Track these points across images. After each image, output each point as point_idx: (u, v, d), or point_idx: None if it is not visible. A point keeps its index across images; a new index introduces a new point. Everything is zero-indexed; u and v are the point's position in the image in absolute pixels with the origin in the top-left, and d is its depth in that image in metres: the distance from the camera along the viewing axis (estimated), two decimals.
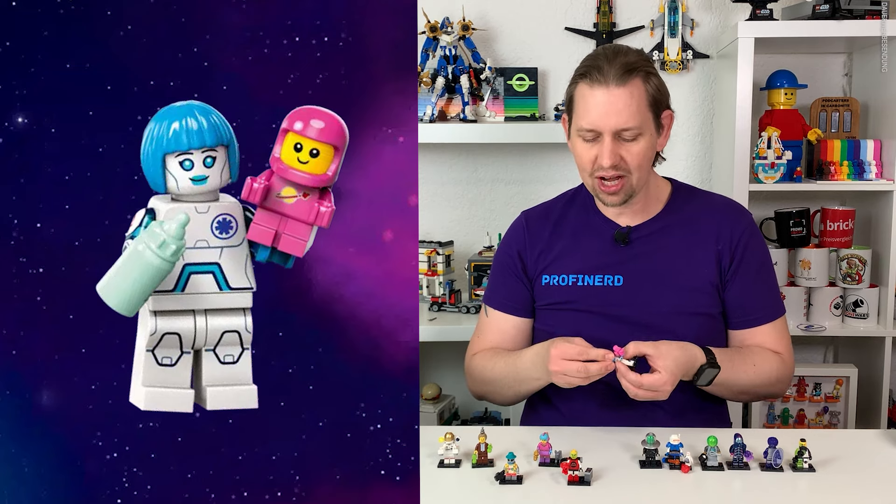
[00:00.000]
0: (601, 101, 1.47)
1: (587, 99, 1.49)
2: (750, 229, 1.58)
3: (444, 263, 2.44)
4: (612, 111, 1.47)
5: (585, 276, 1.56)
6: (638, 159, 1.49)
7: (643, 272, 1.54)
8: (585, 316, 1.54)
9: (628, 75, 1.47)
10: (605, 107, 1.47)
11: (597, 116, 1.48)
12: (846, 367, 2.45)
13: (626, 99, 1.47)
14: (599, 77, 1.48)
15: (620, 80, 1.47)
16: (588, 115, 1.49)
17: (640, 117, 1.48)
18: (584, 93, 1.50)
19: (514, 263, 1.64)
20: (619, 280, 1.54)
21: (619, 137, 1.48)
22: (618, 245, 1.56)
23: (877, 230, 2.44)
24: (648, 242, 1.57)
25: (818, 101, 2.52)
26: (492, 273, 1.71)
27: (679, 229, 1.58)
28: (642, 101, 1.48)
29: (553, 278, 1.59)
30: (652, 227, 1.58)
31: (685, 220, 1.59)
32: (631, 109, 1.47)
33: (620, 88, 1.46)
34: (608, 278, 1.55)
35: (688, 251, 1.55)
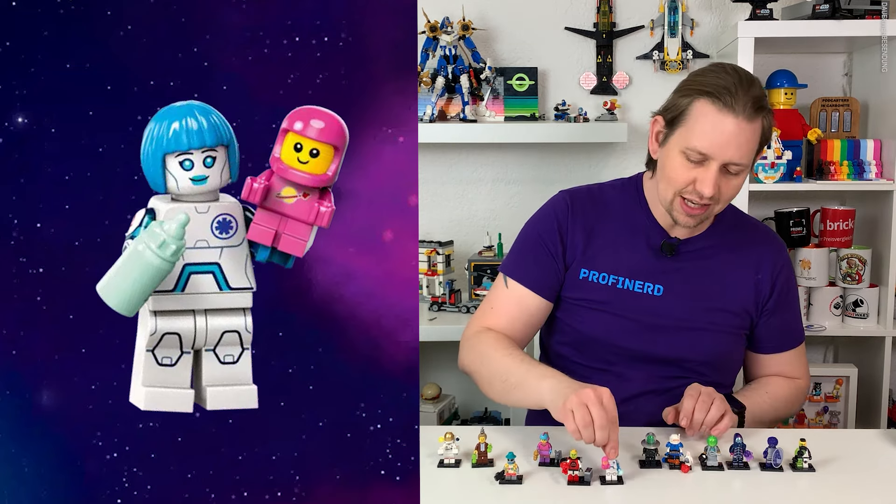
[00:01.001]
0: (728, 129, 1.39)
1: (711, 119, 1.40)
2: (788, 263, 1.61)
3: (444, 263, 2.44)
4: (733, 143, 1.40)
5: (627, 279, 1.52)
6: (732, 192, 1.47)
7: (684, 286, 1.53)
8: (618, 320, 1.51)
9: (758, 112, 1.41)
10: (729, 137, 1.39)
11: (716, 144, 1.40)
12: (846, 366, 2.45)
13: (751, 135, 1.41)
14: (731, 101, 1.39)
15: (752, 116, 1.40)
16: (706, 137, 1.40)
17: (751, 156, 1.44)
18: (706, 112, 1.41)
19: (553, 241, 1.55)
20: (660, 290, 1.52)
21: (725, 170, 1.42)
22: (663, 254, 1.53)
23: (877, 230, 2.44)
24: (693, 258, 1.55)
25: (818, 100, 2.52)
26: (520, 244, 1.60)
27: (723, 250, 1.57)
28: (758, 139, 1.44)
29: (592, 274, 1.53)
30: (699, 244, 1.56)
31: (730, 243, 1.57)
32: (751, 146, 1.42)
33: (749, 124, 1.40)
34: (648, 286, 1.52)
35: (729, 274, 1.55)
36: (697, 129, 1.41)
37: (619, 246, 1.54)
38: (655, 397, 1.50)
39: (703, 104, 1.41)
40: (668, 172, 1.46)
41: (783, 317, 1.59)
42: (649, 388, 1.51)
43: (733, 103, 1.39)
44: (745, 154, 1.41)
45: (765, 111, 1.43)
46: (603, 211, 1.57)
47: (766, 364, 1.61)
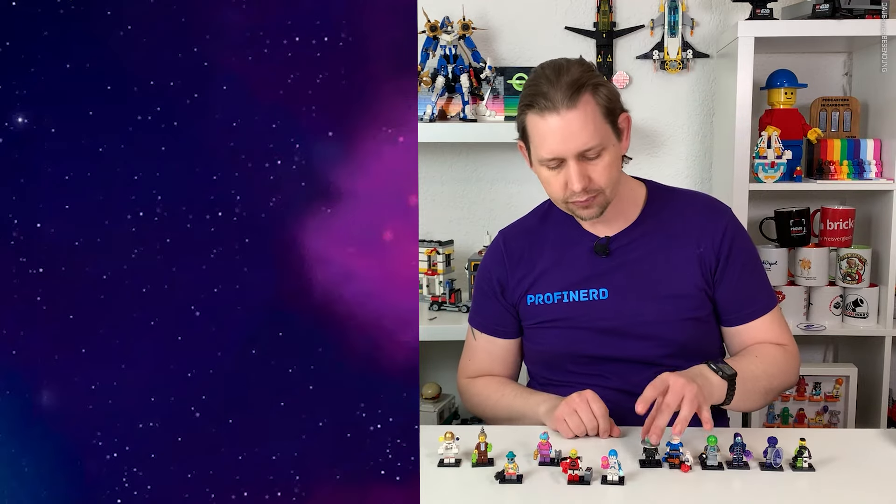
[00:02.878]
0: (555, 127, 1.42)
1: (541, 128, 1.44)
2: (731, 225, 1.56)
3: (444, 263, 2.45)
4: (568, 136, 1.42)
5: (570, 291, 1.54)
6: (606, 175, 1.46)
7: (627, 283, 1.52)
8: (574, 332, 1.53)
9: (577, 95, 1.41)
10: (561, 133, 1.42)
11: (555, 144, 1.43)
12: (846, 366, 2.46)
13: (581, 120, 1.42)
14: (547, 104, 1.42)
15: (570, 103, 1.41)
16: (546, 144, 1.44)
17: (598, 134, 1.43)
18: (534, 122, 1.45)
19: (494, 290, 1.62)
20: (605, 293, 1.52)
21: (582, 158, 1.44)
22: (599, 257, 1.54)
23: (877, 230, 2.44)
24: (629, 251, 1.55)
25: (818, 100, 2.52)
26: (475, 293, 1.69)
27: (658, 234, 1.55)
28: (597, 116, 1.43)
29: (538, 297, 1.56)
30: (631, 235, 1.56)
31: (663, 224, 1.56)
32: (588, 129, 1.42)
33: (572, 111, 1.41)
34: (593, 292, 1.53)
35: (669, 257, 1.53)
36: (537, 140, 1.46)
37: (558, 264, 1.57)
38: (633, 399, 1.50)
39: (530, 117, 1.46)
40: (546, 186, 1.52)
41: (741, 283, 1.54)
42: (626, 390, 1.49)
43: (549, 104, 1.42)
44: (588, 139, 1.42)
45: (584, 88, 1.42)
46: (537, 238, 1.61)
47: (741, 337, 1.56)
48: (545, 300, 1.56)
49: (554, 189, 1.49)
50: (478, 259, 2.47)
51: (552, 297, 1.55)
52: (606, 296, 1.52)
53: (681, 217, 1.57)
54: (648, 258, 1.54)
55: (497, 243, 1.66)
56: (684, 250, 1.53)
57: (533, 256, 1.60)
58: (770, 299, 1.57)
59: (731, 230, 1.55)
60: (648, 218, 1.57)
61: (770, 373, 1.49)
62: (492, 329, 1.63)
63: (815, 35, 2.27)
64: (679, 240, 1.54)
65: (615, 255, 1.55)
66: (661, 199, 1.60)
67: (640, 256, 1.54)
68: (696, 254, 1.53)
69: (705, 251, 1.53)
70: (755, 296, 1.56)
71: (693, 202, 1.62)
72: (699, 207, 1.59)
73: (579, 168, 1.43)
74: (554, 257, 1.58)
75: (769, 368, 1.50)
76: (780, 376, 1.52)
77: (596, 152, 1.44)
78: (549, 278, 1.57)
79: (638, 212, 1.57)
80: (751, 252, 1.58)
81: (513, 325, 1.62)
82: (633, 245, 1.55)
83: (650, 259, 1.54)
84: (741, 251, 1.55)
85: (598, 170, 1.45)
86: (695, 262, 1.52)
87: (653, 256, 1.54)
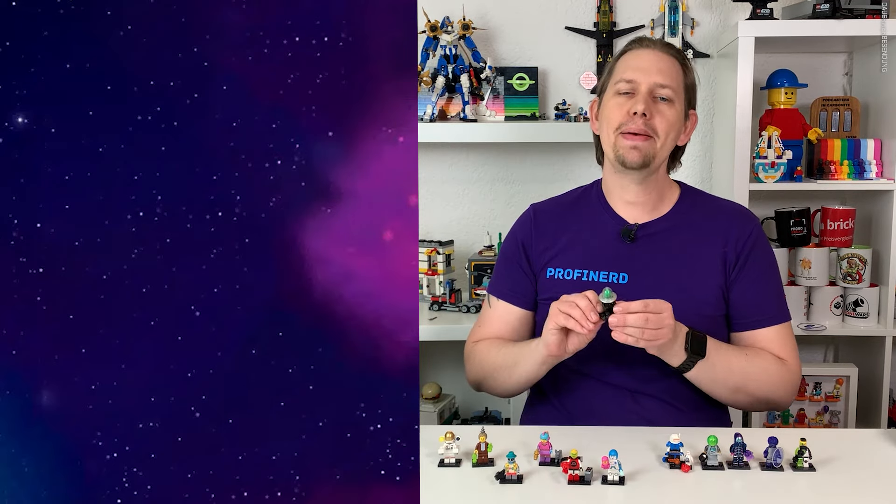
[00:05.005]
0: (646, 58, 1.55)
1: (628, 59, 1.57)
2: (756, 233, 1.58)
3: (444, 263, 2.45)
4: (653, 69, 1.53)
5: (591, 271, 1.55)
6: (666, 123, 1.52)
7: (649, 271, 1.53)
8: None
9: (674, 54, 1.57)
10: (649, 63, 1.54)
11: (639, 69, 1.54)
12: (846, 366, 2.46)
13: (669, 63, 1.55)
14: (646, 44, 1.58)
15: (665, 52, 1.56)
16: (628, 69, 1.55)
17: (676, 85, 1.54)
18: (625, 58, 1.58)
19: (518, 255, 1.63)
20: (625, 278, 1.53)
21: (654, 98, 1.53)
22: (624, 242, 1.56)
23: (877, 229, 2.44)
24: (655, 241, 1.56)
25: (818, 100, 2.52)
26: (497, 262, 1.71)
27: (686, 231, 1.57)
28: (680, 81, 1.56)
29: (558, 272, 1.57)
30: (659, 227, 1.57)
31: (692, 223, 1.58)
32: (672, 73, 1.54)
33: (665, 58, 1.55)
34: (613, 275, 1.54)
35: (694, 253, 1.55)
36: (620, 69, 1.57)
37: (582, 242, 1.59)
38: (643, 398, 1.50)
39: (621, 59, 1.59)
40: (606, 119, 1.57)
41: (754, 287, 1.54)
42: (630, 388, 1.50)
43: (647, 44, 1.58)
44: (668, 78, 1.54)
45: (682, 58, 1.59)
46: (567, 214, 1.64)
47: (744, 343, 1.54)
48: (565, 275, 1.57)
49: (614, 115, 1.54)
50: (478, 259, 2.47)
51: (572, 273, 1.56)
52: (626, 280, 1.53)
53: (710, 218, 1.59)
54: (673, 251, 1.55)
55: (528, 213, 1.69)
56: (710, 249, 1.55)
57: (560, 230, 1.62)
58: (781, 312, 1.56)
59: (756, 235, 1.57)
60: (678, 214, 1.59)
61: (750, 374, 1.48)
62: (510, 296, 1.63)
63: (816, 35, 2.27)
64: (707, 239, 1.56)
65: (640, 243, 1.56)
66: (692, 199, 1.63)
67: (664, 248, 1.56)
68: (721, 252, 1.54)
69: (729, 251, 1.54)
70: (766, 304, 1.55)
71: (723, 206, 1.65)
72: (728, 212, 1.62)
73: (648, 99, 1.52)
74: (580, 235, 1.59)
75: (751, 370, 1.48)
76: (764, 383, 1.50)
77: (668, 94, 1.53)
78: (572, 254, 1.58)
79: (669, 207, 1.60)
80: (769, 263, 1.59)
81: (530, 295, 1.62)
82: (659, 236, 1.57)
83: (674, 252, 1.55)
84: (761, 257, 1.56)
85: (662, 114, 1.53)
86: (718, 261, 1.54)
87: (677, 250, 1.55)
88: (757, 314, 1.54)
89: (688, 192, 1.64)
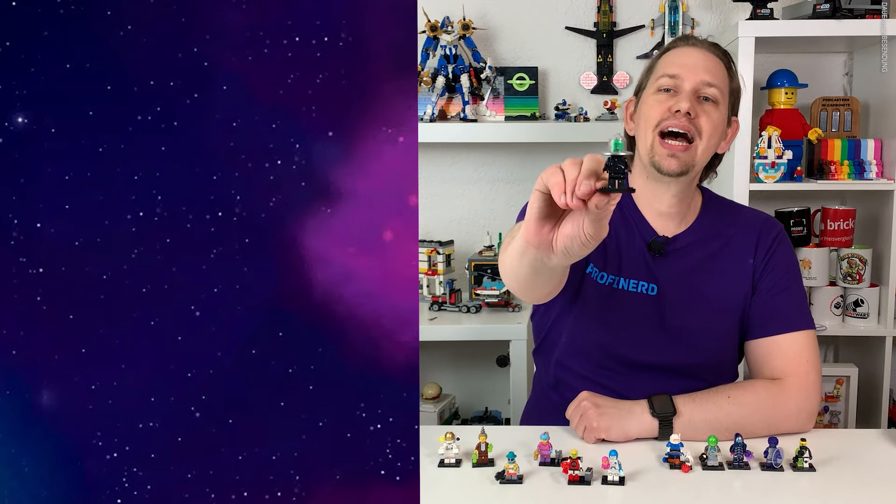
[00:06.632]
0: (692, 55, 1.47)
1: (672, 55, 1.49)
2: (779, 238, 1.54)
3: (444, 263, 2.45)
4: (700, 66, 1.46)
5: (622, 279, 1.50)
6: (711, 125, 1.45)
7: (678, 285, 1.50)
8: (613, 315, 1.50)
9: (720, 55, 1.49)
10: (695, 61, 1.46)
11: (684, 67, 1.46)
12: (846, 366, 2.46)
13: (716, 63, 1.48)
14: (692, 41, 1.50)
15: (713, 50, 1.49)
16: (672, 65, 1.47)
17: (723, 86, 1.47)
18: (668, 55, 1.50)
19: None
20: (654, 289, 1.50)
21: (698, 97, 1.45)
22: (653, 254, 1.51)
23: (877, 230, 2.44)
24: (685, 255, 1.52)
25: (818, 100, 2.52)
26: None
27: (714, 242, 1.53)
28: (726, 80, 1.49)
29: (595, 271, 1.51)
30: (688, 240, 1.53)
31: (720, 235, 1.54)
32: (719, 74, 1.47)
33: (711, 57, 1.47)
34: (643, 285, 1.50)
35: (722, 268, 1.52)
36: (663, 65, 1.49)
37: (619, 246, 1.53)
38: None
39: (665, 56, 1.51)
40: (644, 116, 1.49)
41: (777, 292, 1.49)
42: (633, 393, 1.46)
43: (693, 41, 1.50)
44: (715, 78, 1.46)
45: (729, 60, 1.51)
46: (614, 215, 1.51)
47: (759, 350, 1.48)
48: (599, 278, 1.50)
49: (654, 111, 1.45)
50: (478, 259, 2.47)
51: (606, 278, 1.50)
52: (655, 292, 1.49)
53: (736, 230, 1.54)
54: (702, 264, 1.51)
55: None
56: (738, 264, 1.51)
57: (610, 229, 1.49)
58: (802, 318, 1.48)
59: (780, 240, 1.53)
60: (705, 225, 1.55)
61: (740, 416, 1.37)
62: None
63: (816, 35, 2.27)
64: (735, 251, 1.52)
65: (670, 256, 1.51)
66: (717, 208, 1.58)
67: (695, 262, 1.51)
68: (750, 265, 1.51)
69: (756, 262, 1.51)
70: (785, 309, 1.49)
71: (747, 216, 1.59)
72: (752, 222, 1.56)
73: (693, 97, 1.44)
74: (615, 237, 1.51)
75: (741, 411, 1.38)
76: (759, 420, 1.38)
77: (713, 94, 1.45)
78: (611, 258, 1.51)
79: (695, 216, 1.55)
80: (790, 266, 1.53)
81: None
82: (688, 249, 1.52)
83: (704, 265, 1.51)
84: (780, 261, 1.51)
85: (706, 115, 1.45)
86: (748, 274, 1.51)
87: (707, 263, 1.51)
88: (774, 319, 1.48)
89: (710, 198, 1.59)
